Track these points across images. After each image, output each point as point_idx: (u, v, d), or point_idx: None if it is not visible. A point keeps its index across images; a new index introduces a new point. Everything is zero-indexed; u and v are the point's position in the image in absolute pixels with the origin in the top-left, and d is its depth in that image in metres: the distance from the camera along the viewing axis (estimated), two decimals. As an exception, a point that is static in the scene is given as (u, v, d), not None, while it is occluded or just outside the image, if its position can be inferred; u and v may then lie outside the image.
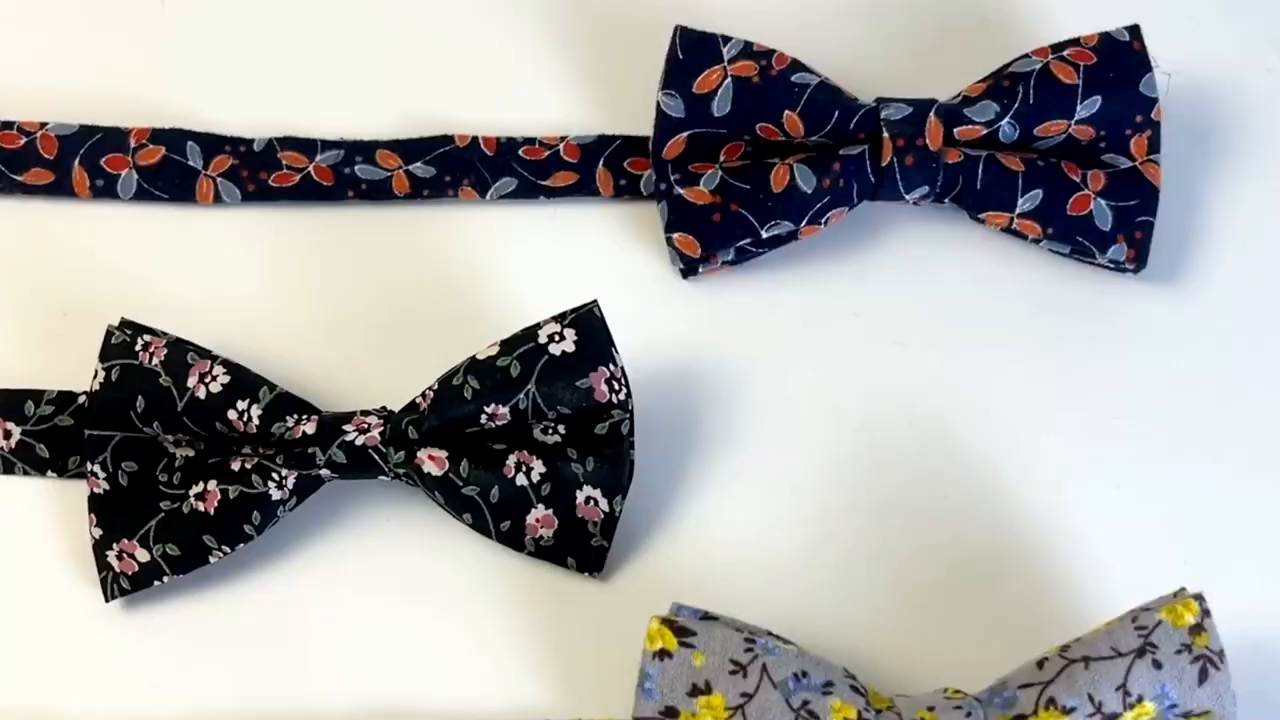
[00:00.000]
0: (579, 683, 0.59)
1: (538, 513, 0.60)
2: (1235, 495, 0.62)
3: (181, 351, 0.59)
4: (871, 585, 0.60)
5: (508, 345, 0.59)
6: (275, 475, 0.58)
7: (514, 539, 0.60)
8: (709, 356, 0.64)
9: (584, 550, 0.60)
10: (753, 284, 0.65)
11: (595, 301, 0.59)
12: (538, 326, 0.59)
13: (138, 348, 0.60)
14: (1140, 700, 0.54)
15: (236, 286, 0.65)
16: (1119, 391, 0.63)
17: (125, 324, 0.60)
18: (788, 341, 0.64)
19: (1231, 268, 0.65)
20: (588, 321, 0.59)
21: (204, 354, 0.59)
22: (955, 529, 0.61)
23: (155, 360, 0.59)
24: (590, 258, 0.65)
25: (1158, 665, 0.54)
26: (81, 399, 0.62)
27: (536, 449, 0.60)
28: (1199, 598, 0.55)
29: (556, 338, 0.59)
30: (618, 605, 0.60)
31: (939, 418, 0.63)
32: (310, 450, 0.58)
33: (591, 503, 0.59)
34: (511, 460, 0.59)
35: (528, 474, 0.59)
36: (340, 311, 0.64)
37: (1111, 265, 0.65)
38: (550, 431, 0.59)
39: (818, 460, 0.62)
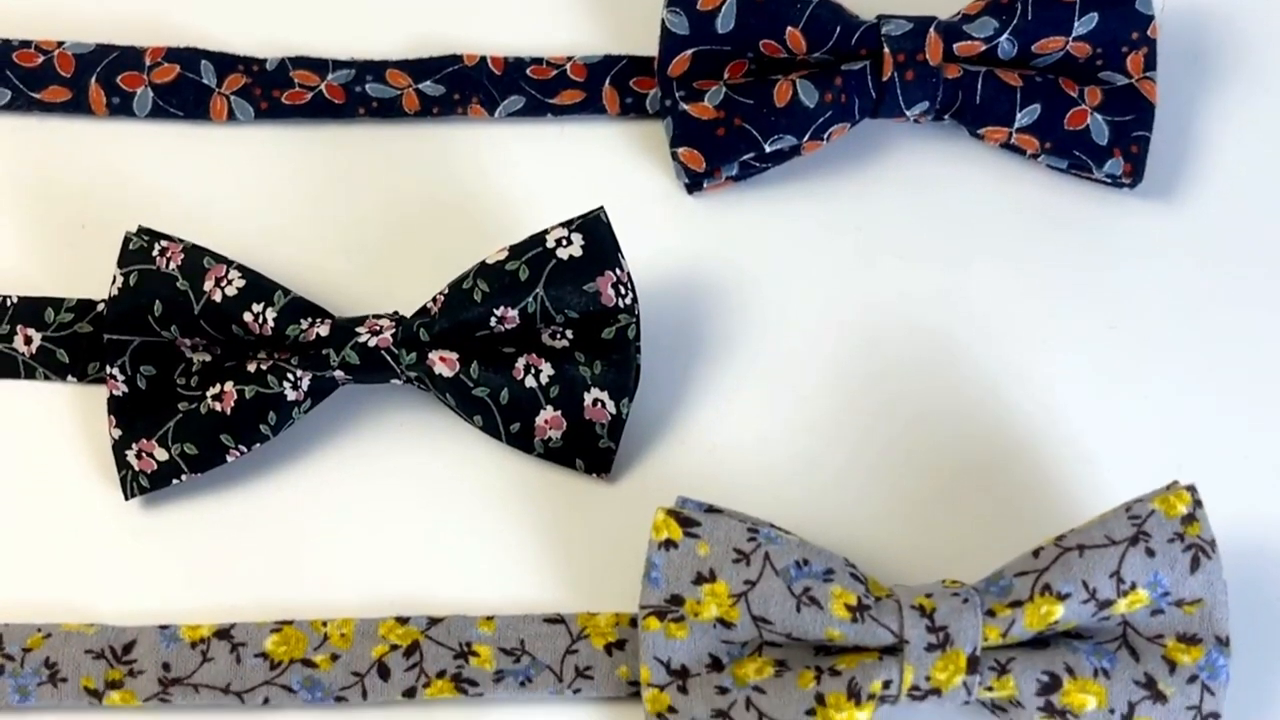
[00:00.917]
0: (587, 579, 0.60)
1: (546, 414, 0.61)
2: (1228, 403, 0.63)
3: (198, 256, 0.61)
4: (872, 486, 0.62)
5: (516, 250, 0.60)
6: (290, 376, 0.60)
7: (523, 441, 0.61)
8: (713, 269, 0.65)
9: (592, 452, 0.61)
10: (756, 199, 0.66)
11: (602, 208, 0.61)
12: (545, 232, 0.60)
13: (155, 253, 0.61)
14: (1134, 587, 0.55)
15: (250, 202, 0.66)
16: (1114, 302, 0.65)
17: (143, 231, 0.62)
18: (790, 255, 0.65)
19: (1225, 183, 0.67)
20: (594, 227, 0.60)
21: (220, 259, 0.61)
22: (953, 433, 0.62)
23: (172, 265, 0.61)
24: (597, 174, 0.67)
25: (1150, 553, 0.56)
26: (100, 307, 0.63)
27: (545, 353, 0.61)
28: (1191, 489, 0.57)
29: (564, 242, 0.60)
30: (625, 505, 0.61)
31: (938, 327, 0.64)
32: (324, 352, 0.60)
33: (599, 405, 0.61)
34: (520, 363, 0.61)
35: (536, 376, 0.61)
36: (351, 225, 0.66)
37: (1108, 180, 0.66)
38: (558, 336, 0.61)
39: (820, 368, 0.64)
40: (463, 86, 0.67)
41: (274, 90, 0.67)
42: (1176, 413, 0.63)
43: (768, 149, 0.65)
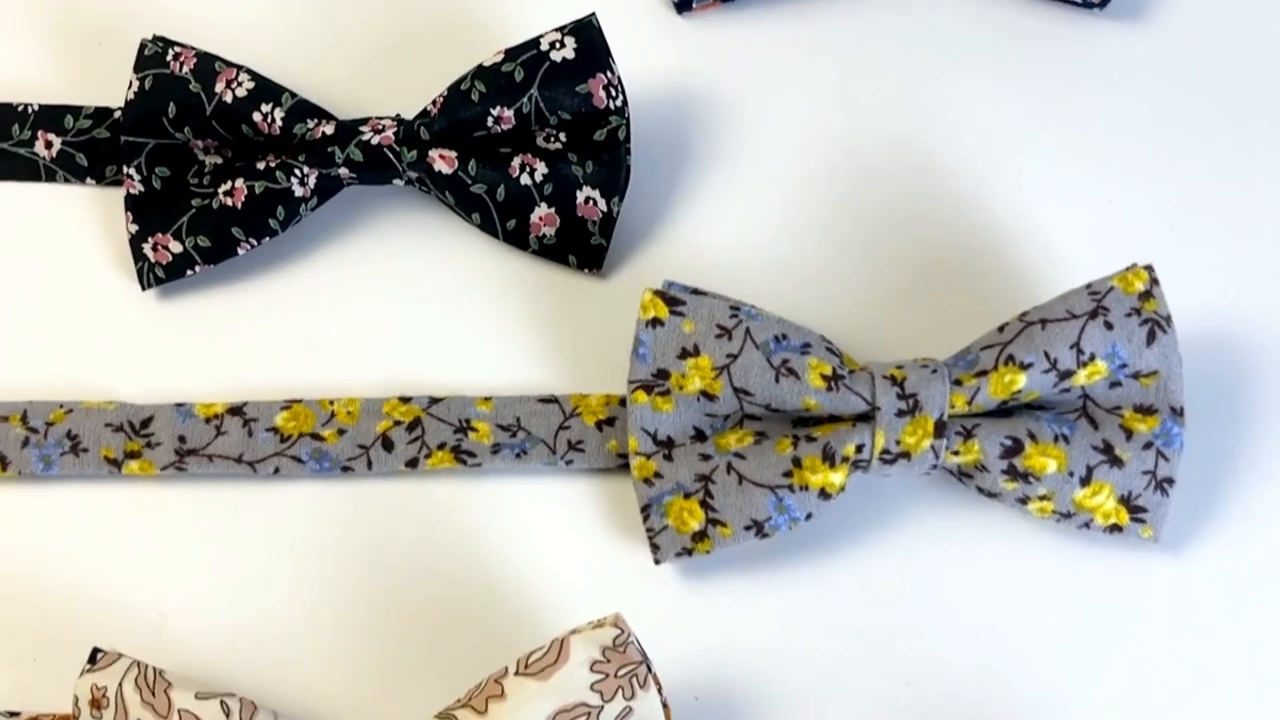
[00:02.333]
0: (579, 366, 0.64)
1: (541, 211, 0.64)
2: (1194, 203, 0.66)
3: (209, 61, 0.64)
4: (849, 282, 0.65)
5: (511, 53, 0.63)
6: (298, 173, 0.63)
7: (519, 238, 0.65)
8: (701, 84, 0.68)
9: (584, 248, 0.65)
10: (743, 19, 0.69)
11: (593, 13, 0.64)
12: (540, 36, 0.64)
13: (169, 58, 0.64)
14: (1092, 359, 0.59)
15: (256, 14, 0.69)
16: (1084, 115, 0.68)
17: (157, 38, 0.65)
18: (775, 71, 0.68)
19: (1192, 5, 0.70)
20: (586, 31, 0.64)
21: (230, 64, 0.64)
22: (928, 235, 0.65)
23: (185, 69, 0.64)
24: (590, -4, 0.70)
25: (1109, 326, 0.59)
26: (117, 114, 0.66)
27: (539, 154, 0.64)
28: (1149, 268, 0.60)
29: (557, 45, 0.63)
30: (615, 299, 0.65)
31: (914, 137, 0.67)
32: (329, 150, 0.63)
33: (591, 203, 0.64)
34: (516, 161, 0.64)
35: (531, 174, 0.64)
36: (355, 39, 0.69)
37: (1079, 1, 0.69)
38: (552, 139, 0.64)
39: (802, 174, 0.67)
40: (462, -87, 0.70)
41: (281, -84, 0.70)
42: (1140, 214, 0.66)
43: (753, -31, 0.68)
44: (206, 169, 0.65)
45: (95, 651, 0.55)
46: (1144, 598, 0.60)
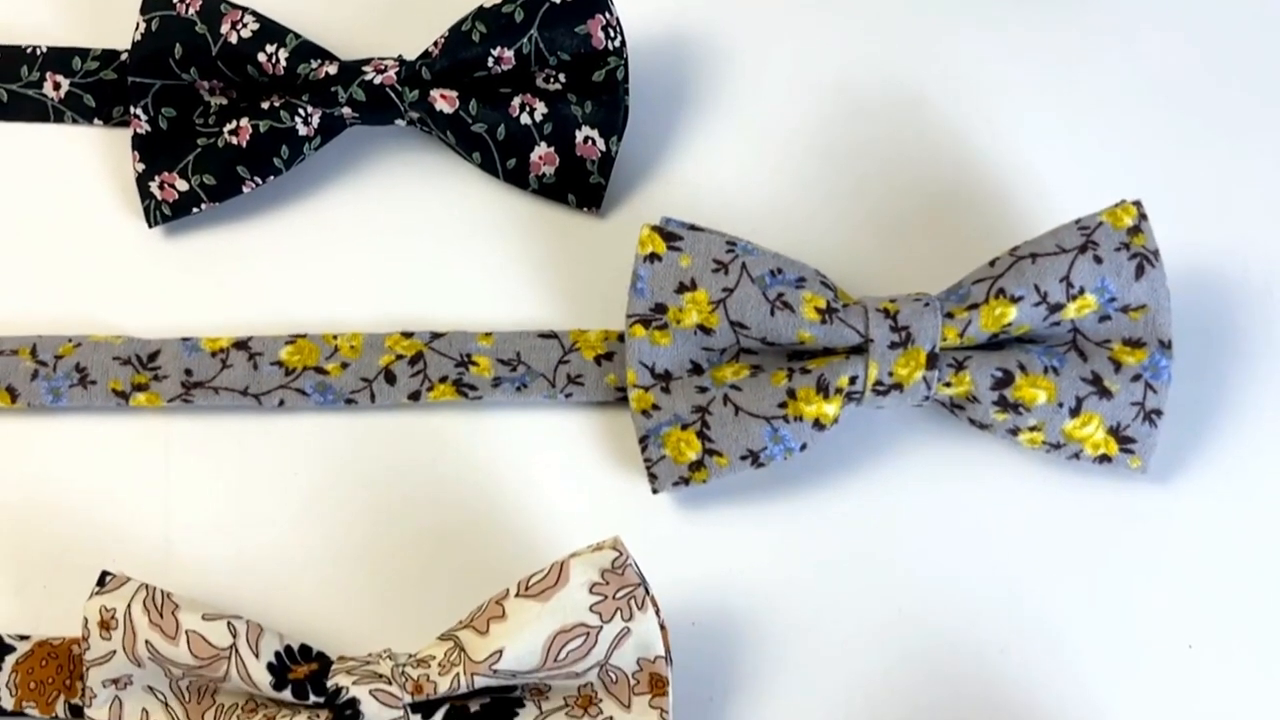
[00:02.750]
0: (578, 303, 0.65)
1: (540, 150, 0.65)
2: (1183, 144, 0.67)
3: (215, 3, 0.65)
4: (844, 220, 0.66)
5: (512, -6, 0.65)
6: (301, 112, 0.64)
7: (519, 177, 0.66)
8: (699, 25, 0.69)
9: (583, 187, 0.66)
10: (740, -36, 0.71)
11: (593, -45, 0.65)
12: (539, -23, 0.65)
13: (175, 0, 0.65)
14: (1082, 292, 0.60)
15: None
16: (1075, 55, 0.68)
17: (164, -20, 0.66)
18: (772, 11, 0.69)
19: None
20: (585, -29, 0.65)
21: (235, 5, 0.65)
22: (922, 173, 0.66)
23: (191, 11, 0.65)
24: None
25: (1098, 260, 0.60)
26: (124, 56, 0.67)
27: (539, 94, 0.65)
28: (1137, 204, 0.61)
29: (557, -14, 0.64)
30: (613, 238, 0.66)
31: (908, 77, 0.68)
32: (333, 89, 0.64)
33: (590, 142, 0.65)
34: (516, 101, 0.65)
35: (531, 114, 0.65)
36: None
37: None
38: (551, 80, 0.65)
39: (799, 114, 0.68)
40: None
41: None
42: (1130, 154, 0.67)
43: (750, -86, 0.69)
44: (212, 109, 0.66)
45: (104, 575, 0.56)
46: (1132, 527, 0.61)
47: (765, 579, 0.60)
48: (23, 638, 0.58)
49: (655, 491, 0.61)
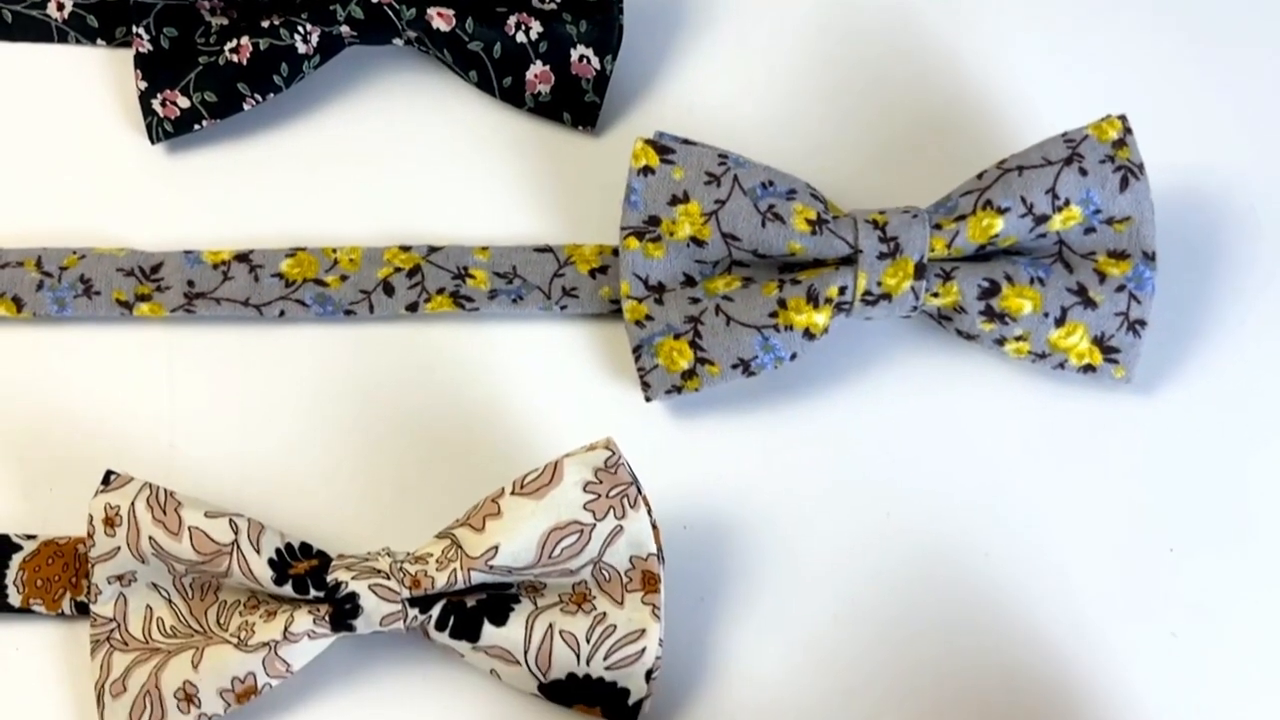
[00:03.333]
0: (572, 219, 0.66)
1: (536, 69, 0.66)
2: (1169, 63, 0.68)
3: (216, -78, 0.66)
4: (837, 140, 0.67)
5: (508, -86, 0.66)
6: (300, 30, 0.65)
7: (515, 95, 0.67)
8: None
9: (578, 106, 0.67)
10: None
11: (587, -125, 0.66)
12: (536, -103, 0.66)
13: (177, -80, 0.66)
14: (1067, 204, 0.61)
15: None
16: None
17: (166, -99, 0.67)
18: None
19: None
20: (581, -107, 0.66)
21: (236, -75, 0.66)
22: (913, 89, 0.67)
23: (192, -70, 0.66)
24: None
25: (1083, 172, 0.61)
26: (126, -23, 0.69)
27: (534, 13, 0.66)
28: (1122, 118, 0.62)
29: (553, -94, 0.65)
30: (608, 156, 0.67)
31: (896, 6, 0.69)
32: (331, 7, 0.65)
33: (585, 61, 0.66)
34: (512, 20, 0.66)
35: (526, 32, 0.66)
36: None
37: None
38: (546, 0, 0.66)
39: (791, 35, 0.68)
40: None
41: None
42: (1117, 73, 0.68)
43: None
44: (213, 29, 0.67)
45: (109, 473, 0.57)
46: (1115, 435, 0.62)
47: (756, 485, 0.62)
48: (29, 537, 0.60)
49: (648, 400, 0.62)
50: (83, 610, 0.59)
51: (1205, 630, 0.59)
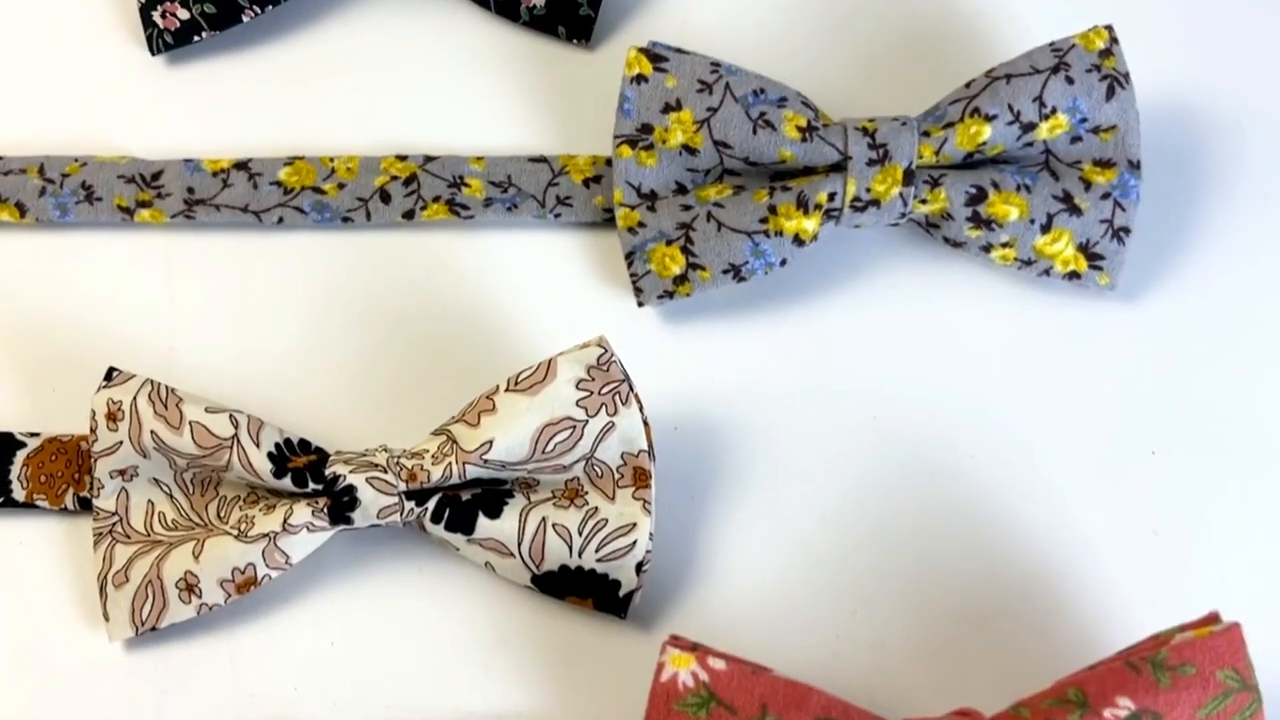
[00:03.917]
0: (567, 131, 0.67)
1: (531, -18, 0.67)
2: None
3: None
4: (829, 52, 0.68)
5: None
6: (299, -58, 0.66)
7: (510, 9, 0.67)
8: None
9: (573, 19, 0.68)
10: None
11: None
12: None
13: None
14: (1054, 111, 0.62)
15: None
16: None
17: None
18: None
19: None
20: None
21: None
22: (905, 8, 0.68)
23: None
24: None
25: (1070, 81, 0.62)
26: (126, -109, 0.69)
27: (530, -73, 0.67)
28: (1108, 27, 0.63)
29: None
30: (602, 69, 0.67)
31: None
32: (330, -80, 0.66)
33: (579, -25, 0.67)
34: (508, -67, 0.67)
35: (522, -54, 0.67)
36: None
37: None
38: (543, -85, 0.67)
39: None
40: None
41: None
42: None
43: None
44: (213, -55, 0.68)
45: (111, 370, 0.59)
46: (1100, 341, 0.63)
47: (745, 389, 0.63)
48: (33, 435, 0.61)
49: (640, 305, 0.63)
50: (85, 506, 0.60)
51: (1185, 528, 0.61)
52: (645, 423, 0.58)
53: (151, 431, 0.57)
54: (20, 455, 0.60)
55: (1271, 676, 0.54)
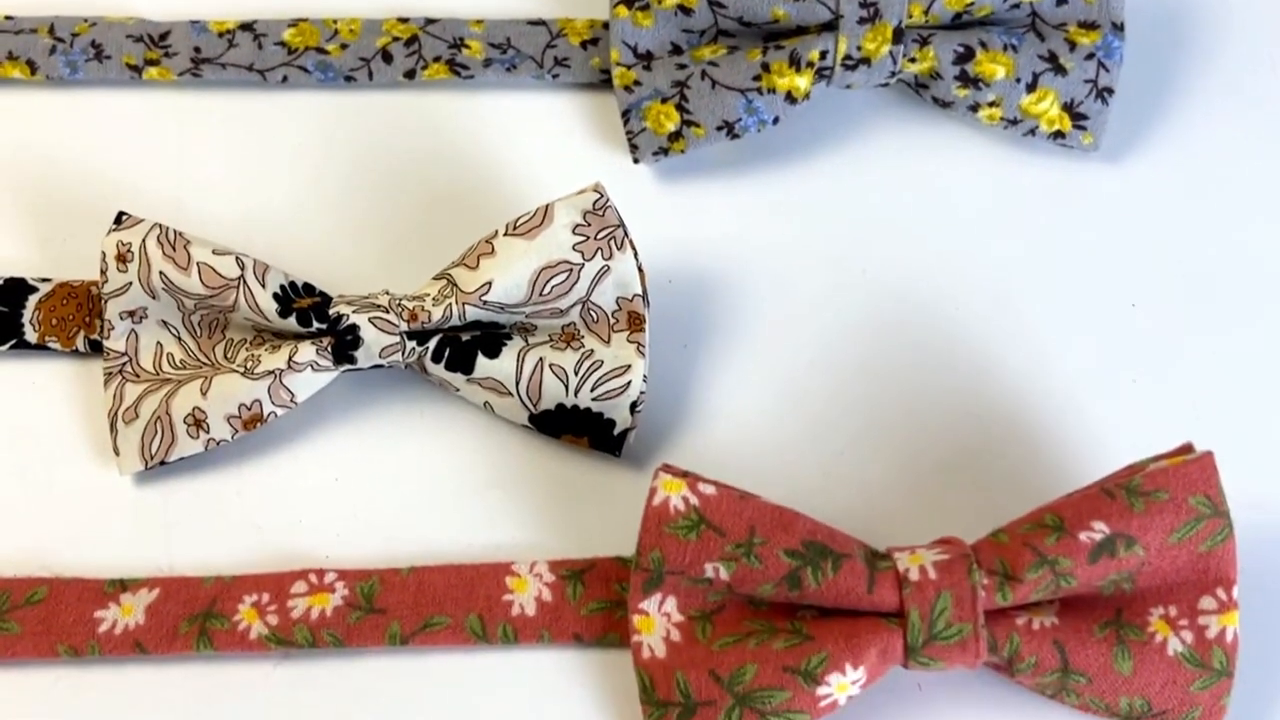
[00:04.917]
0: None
1: None
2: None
3: None
4: None
5: None
6: None
7: (510, -120, 0.69)
8: None
9: (571, -112, 0.69)
10: None
11: None
12: None
13: None
14: (1041, -27, 0.63)
15: None
16: None
17: None
18: None
19: None
20: None
21: None
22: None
23: None
24: None
25: (1056, -57, 0.64)
26: None
27: None
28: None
29: None
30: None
31: None
32: None
33: None
34: None
35: None
36: None
37: None
38: None
39: None
40: None
41: None
42: None
43: None
44: None
45: (120, 214, 0.60)
46: (1083, 199, 0.65)
47: (738, 244, 0.64)
48: (45, 280, 0.62)
49: (636, 162, 0.65)
50: (96, 348, 0.61)
51: (1163, 377, 0.62)
52: (640, 269, 0.60)
53: (160, 272, 0.59)
54: (32, 299, 0.62)
55: (1242, 510, 0.56)
